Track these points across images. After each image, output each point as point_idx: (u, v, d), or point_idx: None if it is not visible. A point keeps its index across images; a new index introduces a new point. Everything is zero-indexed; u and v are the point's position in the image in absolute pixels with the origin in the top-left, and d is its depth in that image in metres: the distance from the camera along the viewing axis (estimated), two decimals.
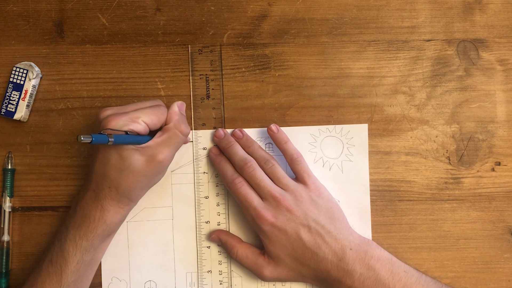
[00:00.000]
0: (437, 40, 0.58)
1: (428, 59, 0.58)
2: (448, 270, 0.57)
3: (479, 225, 0.57)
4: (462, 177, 0.57)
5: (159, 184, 0.56)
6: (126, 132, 0.48)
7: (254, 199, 0.52)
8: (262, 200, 0.52)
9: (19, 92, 0.56)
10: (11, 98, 0.56)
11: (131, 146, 0.49)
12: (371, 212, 0.57)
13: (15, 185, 0.56)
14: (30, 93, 0.56)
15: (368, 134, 0.57)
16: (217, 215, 0.57)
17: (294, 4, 0.57)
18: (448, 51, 0.58)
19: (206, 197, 0.57)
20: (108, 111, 0.50)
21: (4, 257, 0.55)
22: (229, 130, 0.56)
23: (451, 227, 0.57)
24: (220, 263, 0.56)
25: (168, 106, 0.52)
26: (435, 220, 0.57)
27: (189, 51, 0.57)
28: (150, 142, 0.50)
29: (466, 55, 0.58)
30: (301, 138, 0.57)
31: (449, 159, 0.57)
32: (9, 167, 0.56)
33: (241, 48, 0.57)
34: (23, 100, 0.56)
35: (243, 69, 0.57)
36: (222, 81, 0.57)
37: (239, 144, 0.55)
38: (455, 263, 0.57)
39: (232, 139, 0.55)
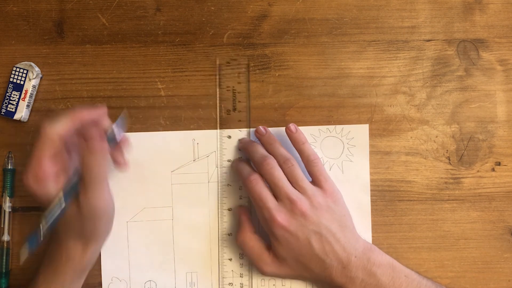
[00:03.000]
0: (437, 40, 0.58)
1: (428, 59, 0.58)
2: (448, 270, 0.57)
3: (479, 225, 0.57)
4: (462, 177, 0.57)
5: (158, 184, 0.56)
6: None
7: (268, 199, 0.51)
8: (277, 200, 0.51)
9: (19, 92, 0.56)
10: (11, 98, 0.56)
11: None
12: (371, 212, 0.57)
13: (15, 185, 0.56)
14: (30, 93, 0.56)
15: (368, 134, 0.57)
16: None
17: (294, 4, 0.57)
18: (448, 51, 0.58)
19: (230, 209, 0.56)
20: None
21: (4, 257, 0.55)
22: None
23: (451, 227, 0.57)
24: (241, 275, 0.56)
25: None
26: (435, 220, 0.57)
27: (217, 63, 0.56)
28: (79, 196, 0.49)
29: (466, 55, 0.58)
30: None
31: (449, 159, 0.57)
32: (9, 167, 0.56)
33: (241, 48, 0.57)
34: (23, 100, 0.56)
35: (243, 69, 0.57)
36: (249, 94, 0.56)
37: (261, 141, 0.55)
38: (455, 263, 0.57)
39: (253, 140, 0.55)
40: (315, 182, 0.53)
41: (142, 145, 0.56)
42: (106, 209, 0.50)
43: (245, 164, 0.54)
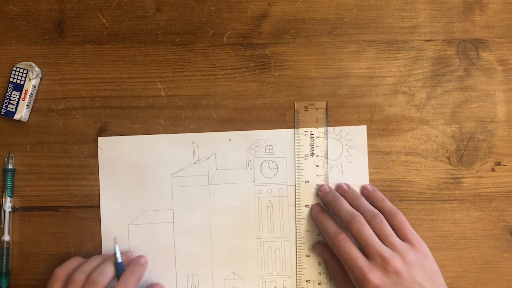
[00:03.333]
0: (437, 40, 0.58)
1: (428, 59, 0.58)
2: (448, 270, 0.57)
3: (479, 225, 0.57)
4: (462, 177, 0.57)
5: (159, 187, 0.56)
6: None
7: (359, 258, 0.50)
8: (368, 259, 0.50)
9: (19, 92, 0.56)
10: (11, 98, 0.56)
11: None
12: None
13: (15, 185, 0.56)
14: (30, 93, 0.56)
15: (368, 134, 0.57)
16: (318, 274, 0.56)
17: (294, 4, 0.57)
18: (448, 51, 0.58)
19: (308, 256, 0.56)
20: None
21: (4, 257, 0.55)
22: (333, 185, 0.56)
23: (451, 227, 0.57)
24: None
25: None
26: (435, 220, 0.57)
27: (295, 108, 0.56)
28: None
29: (466, 55, 0.58)
30: (301, 140, 0.57)
31: (449, 159, 0.57)
32: (9, 167, 0.56)
33: (241, 48, 0.57)
34: (23, 100, 0.56)
35: (243, 69, 0.57)
36: (327, 139, 0.56)
37: (345, 197, 0.54)
38: (455, 263, 0.57)
39: (337, 193, 0.55)
40: (401, 237, 0.52)
41: (143, 148, 0.56)
42: None
43: (330, 221, 0.54)
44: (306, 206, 0.56)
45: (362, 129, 0.57)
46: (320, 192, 0.56)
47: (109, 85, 0.57)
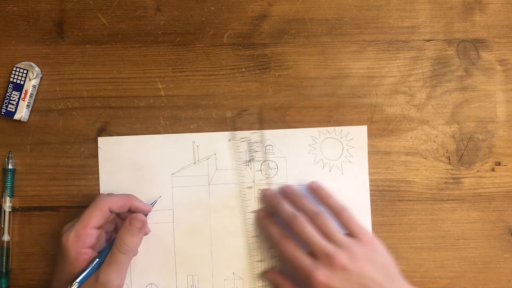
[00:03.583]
0: (437, 40, 0.58)
1: (428, 59, 0.58)
2: (448, 270, 0.57)
3: (479, 225, 0.57)
4: (462, 177, 0.57)
5: (159, 187, 0.56)
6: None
7: (304, 258, 0.50)
8: (314, 258, 0.49)
9: (19, 92, 0.56)
10: (11, 98, 0.56)
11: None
12: (371, 212, 0.57)
13: (15, 185, 0.56)
14: (30, 93, 0.56)
15: (368, 134, 0.57)
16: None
17: (294, 4, 0.57)
18: (448, 51, 0.57)
19: (260, 261, 0.56)
20: (63, 229, 0.51)
21: (4, 257, 0.55)
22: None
23: (451, 227, 0.57)
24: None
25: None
26: (435, 220, 0.57)
27: (229, 116, 0.56)
28: (100, 271, 0.49)
29: (466, 55, 0.58)
30: (301, 140, 0.57)
31: (449, 159, 0.57)
32: (9, 167, 0.56)
33: (241, 48, 0.57)
34: (23, 100, 0.56)
35: (243, 69, 0.57)
36: (265, 144, 0.56)
37: (289, 199, 0.54)
38: (455, 263, 0.57)
39: (279, 196, 0.55)
40: (349, 233, 0.52)
41: (142, 148, 0.56)
42: None
43: (274, 226, 0.53)
44: (252, 212, 0.56)
45: (363, 129, 0.57)
46: (263, 196, 0.56)
47: (109, 85, 0.57)
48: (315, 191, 0.54)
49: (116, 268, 0.49)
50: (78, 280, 0.48)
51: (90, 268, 0.49)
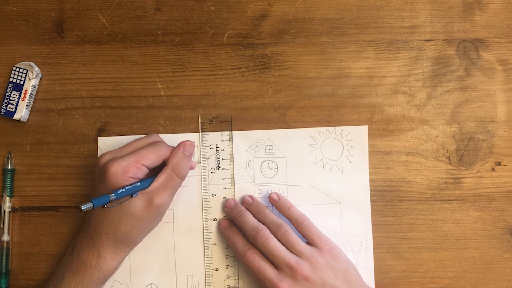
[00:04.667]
0: (437, 40, 0.58)
1: (428, 59, 0.57)
2: (448, 270, 0.57)
3: (479, 225, 0.57)
4: (462, 177, 0.57)
5: None
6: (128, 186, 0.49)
7: (268, 270, 0.51)
8: (278, 270, 0.51)
9: (19, 92, 0.56)
10: (11, 98, 0.56)
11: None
12: (371, 212, 0.57)
13: (15, 185, 0.56)
14: (30, 93, 0.56)
15: (368, 134, 0.57)
16: (227, 287, 0.56)
17: (294, 4, 0.57)
18: (448, 51, 0.57)
19: (216, 269, 0.56)
20: (107, 156, 0.51)
21: (4, 257, 0.55)
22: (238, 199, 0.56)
23: (451, 227, 0.57)
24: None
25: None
26: (435, 220, 0.57)
27: (200, 121, 0.56)
28: (149, 188, 0.50)
29: (466, 55, 0.58)
30: (301, 140, 0.57)
31: (449, 159, 0.57)
32: (9, 167, 0.56)
33: (241, 48, 0.57)
34: (23, 100, 0.56)
35: (243, 69, 0.57)
36: (233, 152, 0.56)
37: (250, 210, 0.55)
38: (455, 263, 0.57)
39: (242, 208, 0.55)
40: (310, 242, 0.53)
41: None
42: (163, 214, 0.53)
43: (238, 236, 0.54)
44: (214, 219, 0.56)
45: (364, 129, 0.57)
46: (226, 207, 0.56)
47: (109, 85, 0.57)
48: (275, 202, 0.55)
49: (172, 192, 0.52)
50: (119, 191, 0.48)
51: (131, 186, 0.49)
